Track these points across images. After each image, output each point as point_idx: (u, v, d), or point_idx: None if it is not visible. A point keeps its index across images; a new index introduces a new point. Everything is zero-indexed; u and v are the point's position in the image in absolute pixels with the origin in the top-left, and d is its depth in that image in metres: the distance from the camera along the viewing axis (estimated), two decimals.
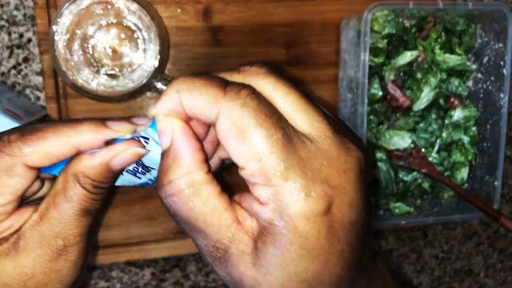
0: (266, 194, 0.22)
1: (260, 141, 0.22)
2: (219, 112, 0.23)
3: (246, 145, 0.22)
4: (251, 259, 0.23)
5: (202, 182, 0.24)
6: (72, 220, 0.28)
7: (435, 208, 0.54)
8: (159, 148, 0.27)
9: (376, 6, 0.46)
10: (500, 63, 0.51)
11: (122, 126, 0.28)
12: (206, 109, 0.23)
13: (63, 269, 0.29)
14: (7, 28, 0.49)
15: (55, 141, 0.27)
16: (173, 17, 0.50)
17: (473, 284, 0.68)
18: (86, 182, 0.28)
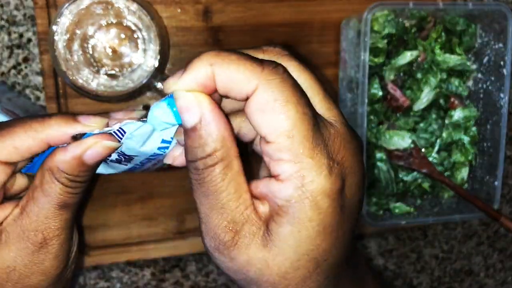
0: (290, 170, 0.23)
1: (296, 117, 0.22)
2: (258, 85, 0.22)
3: (280, 119, 0.22)
4: (262, 241, 0.23)
5: (235, 155, 0.24)
6: (50, 214, 0.29)
7: (435, 208, 0.54)
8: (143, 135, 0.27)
9: (376, 6, 0.46)
10: (500, 63, 0.51)
11: (92, 120, 0.28)
12: (243, 82, 0.23)
13: (45, 261, 0.30)
14: (7, 28, 0.49)
15: (22, 136, 0.28)
16: (173, 17, 0.50)
17: (473, 284, 0.68)
18: (61, 176, 0.28)
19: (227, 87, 0.23)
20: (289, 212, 0.23)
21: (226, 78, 0.23)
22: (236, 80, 0.23)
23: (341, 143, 0.24)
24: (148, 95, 0.51)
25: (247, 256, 0.24)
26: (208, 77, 0.23)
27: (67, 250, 0.31)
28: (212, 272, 0.58)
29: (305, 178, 0.23)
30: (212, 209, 0.24)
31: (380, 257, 0.63)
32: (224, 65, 0.23)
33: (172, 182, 0.53)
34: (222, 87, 0.23)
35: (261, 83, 0.23)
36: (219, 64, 0.23)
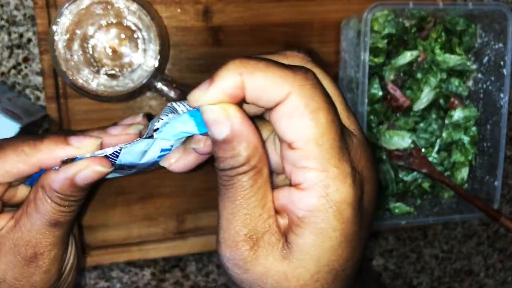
0: (315, 179, 0.22)
1: (325, 125, 0.22)
2: (290, 91, 0.22)
3: (311, 126, 0.22)
4: (281, 253, 0.23)
5: (265, 162, 0.23)
6: (42, 230, 0.29)
7: (435, 208, 0.54)
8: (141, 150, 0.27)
9: (376, 6, 0.46)
10: (500, 63, 0.51)
11: (84, 143, 0.28)
12: (274, 90, 0.22)
13: (35, 275, 0.30)
14: (7, 28, 0.49)
15: (14, 160, 0.28)
16: (173, 17, 0.50)
17: (473, 284, 0.68)
18: (53, 195, 0.28)
19: (257, 95, 0.22)
20: (312, 222, 0.22)
21: (256, 87, 0.22)
22: (267, 87, 0.22)
23: (361, 153, 0.24)
24: (148, 95, 0.51)
25: (264, 268, 0.23)
26: (238, 86, 0.22)
27: (59, 265, 0.31)
28: (212, 272, 0.58)
29: (329, 187, 0.22)
30: (236, 215, 0.23)
31: (380, 257, 0.63)
32: (254, 74, 0.22)
33: (172, 182, 0.53)
34: (251, 96, 0.22)
35: (293, 89, 0.22)
36: (248, 72, 0.22)
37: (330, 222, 0.22)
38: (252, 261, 0.23)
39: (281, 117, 0.22)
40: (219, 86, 0.22)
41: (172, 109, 0.28)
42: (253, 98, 0.23)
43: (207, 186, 0.54)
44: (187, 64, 0.52)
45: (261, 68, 0.22)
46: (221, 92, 0.22)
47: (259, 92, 0.22)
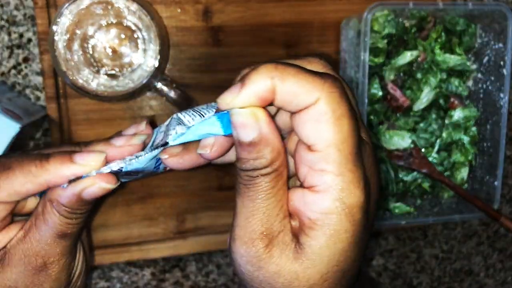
0: (330, 182, 0.23)
1: (347, 131, 0.23)
2: (319, 97, 0.23)
3: (334, 131, 0.23)
4: (293, 253, 0.24)
5: (285, 165, 0.24)
6: (50, 241, 0.30)
7: (435, 208, 0.54)
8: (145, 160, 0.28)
9: (376, 6, 0.46)
10: (500, 63, 0.51)
11: (89, 160, 0.29)
12: (305, 95, 0.23)
13: (44, 283, 0.31)
14: (7, 28, 0.49)
15: (21, 180, 0.29)
16: (173, 17, 0.50)
17: (473, 284, 0.68)
18: (61, 208, 0.29)
19: (287, 99, 0.23)
20: (325, 224, 0.23)
21: (288, 92, 0.23)
22: (298, 93, 0.23)
23: (371, 160, 0.25)
24: (148, 95, 0.51)
25: (277, 267, 0.24)
26: (269, 90, 0.23)
27: (68, 273, 0.33)
28: (212, 272, 0.59)
29: (344, 191, 0.23)
30: (255, 214, 0.24)
31: (380, 257, 0.63)
32: (286, 79, 0.23)
33: (172, 182, 0.53)
34: (281, 100, 0.23)
35: (323, 96, 0.23)
36: (280, 77, 0.23)
37: (343, 225, 0.23)
38: (266, 259, 0.24)
39: (307, 121, 0.23)
40: (250, 90, 0.23)
41: (178, 120, 0.28)
42: (282, 102, 0.23)
43: (207, 186, 0.54)
44: (187, 64, 0.52)
45: (292, 73, 0.23)
46: (253, 96, 0.23)
47: (289, 96, 0.23)
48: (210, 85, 0.52)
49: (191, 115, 0.28)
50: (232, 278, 0.59)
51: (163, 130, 0.30)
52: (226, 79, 0.52)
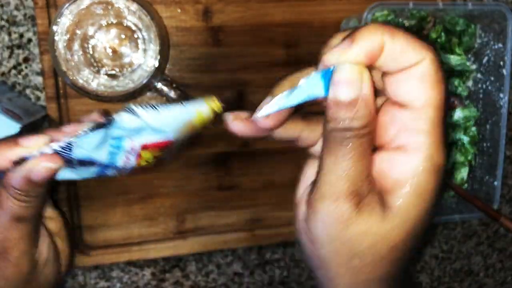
0: (424, 140, 0.23)
1: (443, 95, 0.24)
2: (425, 57, 0.23)
3: (436, 92, 0.23)
4: (381, 213, 0.24)
5: (375, 129, 0.25)
6: (7, 225, 0.31)
7: None
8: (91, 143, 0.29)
9: (376, 6, 0.46)
10: (499, 63, 0.51)
11: (32, 141, 0.30)
12: (412, 52, 0.23)
13: (6, 269, 0.32)
14: (7, 28, 0.49)
15: None
16: (173, 17, 0.50)
17: (472, 284, 0.68)
18: (13, 192, 0.30)
19: (393, 57, 0.23)
20: (414, 183, 0.23)
21: (396, 49, 0.23)
22: (406, 50, 0.23)
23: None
24: (149, 95, 0.51)
25: (365, 226, 0.24)
26: (379, 47, 0.23)
27: (30, 259, 0.33)
28: (212, 272, 0.59)
29: (434, 150, 0.23)
30: (347, 172, 0.24)
31: None
32: (396, 36, 0.23)
33: (172, 182, 0.53)
34: (387, 58, 0.23)
35: (430, 57, 0.23)
36: (391, 34, 0.23)
37: (431, 183, 0.24)
38: (355, 217, 0.24)
39: (408, 79, 0.23)
40: (361, 45, 0.23)
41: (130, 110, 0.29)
42: (386, 60, 0.23)
43: (207, 186, 0.54)
44: (187, 64, 0.52)
45: (402, 32, 0.23)
46: (363, 52, 0.23)
47: (396, 54, 0.23)
48: (210, 85, 0.52)
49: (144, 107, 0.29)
50: (232, 278, 0.59)
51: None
52: (226, 79, 0.53)
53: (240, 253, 0.59)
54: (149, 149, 0.32)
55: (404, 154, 0.24)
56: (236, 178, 0.55)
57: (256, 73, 0.53)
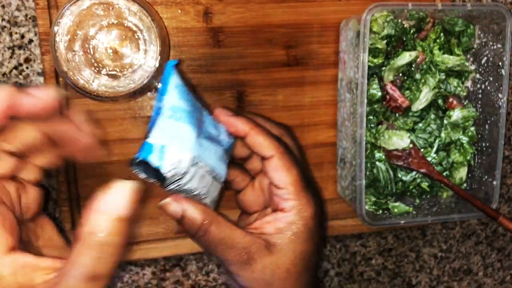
0: (293, 204, 0.37)
1: (296, 175, 0.38)
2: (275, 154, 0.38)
3: (289, 175, 0.37)
4: (268, 250, 0.36)
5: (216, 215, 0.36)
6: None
7: (434, 208, 0.55)
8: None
9: (375, 7, 0.47)
10: (498, 64, 0.51)
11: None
12: (265, 149, 0.38)
13: None
14: (8, 29, 0.49)
15: None
16: (173, 18, 0.51)
17: (471, 283, 0.69)
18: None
19: (255, 147, 0.38)
20: (290, 229, 0.37)
21: (256, 142, 0.38)
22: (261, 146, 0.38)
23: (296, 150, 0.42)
24: (149, 95, 0.52)
25: (261, 264, 0.35)
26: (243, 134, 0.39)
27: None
28: (213, 271, 0.59)
29: (302, 209, 0.37)
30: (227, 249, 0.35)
31: (379, 256, 0.64)
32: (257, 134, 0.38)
33: None
34: (251, 145, 0.38)
35: (277, 155, 0.37)
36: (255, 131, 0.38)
37: (300, 228, 0.37)
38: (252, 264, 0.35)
39: (271, 169, 0.37)
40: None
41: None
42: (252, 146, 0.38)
43: None
44: (187, 64, 0.52)
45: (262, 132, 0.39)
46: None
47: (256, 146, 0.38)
48: (210, 85, 0.53)
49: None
50: None
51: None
52: (226, 79, 0.53)
53: None
54: None
55: (285, 213, 0.37)
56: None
57: (256, 74, 0.53)
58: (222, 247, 0.35)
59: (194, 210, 0.34)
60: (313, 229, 0.37)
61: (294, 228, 0.36)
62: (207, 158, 0.32)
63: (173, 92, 0.31)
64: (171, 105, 0.30)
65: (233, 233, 0.35)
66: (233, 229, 0.36)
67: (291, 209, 0.37)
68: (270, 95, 0.54)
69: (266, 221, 0.37)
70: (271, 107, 0.54)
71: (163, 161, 0.28)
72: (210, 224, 0.35)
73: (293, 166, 0.37)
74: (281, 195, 0.37)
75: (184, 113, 0.31)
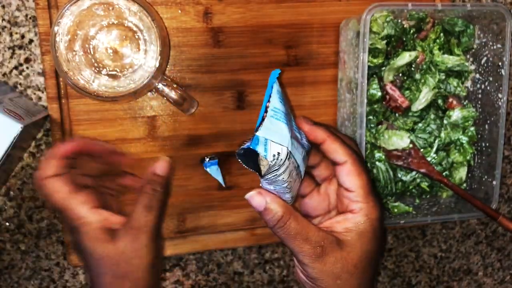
0: (362, 206, 0.40)
1: (366, 180, 0.40)
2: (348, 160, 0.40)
3: (360, 180, 0.40)
4: (338, 246, 0.39)
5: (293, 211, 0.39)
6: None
7: (433, 208, 0.55)
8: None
9: (375, 7, 0.47)
10: (498, 64, 0.51)
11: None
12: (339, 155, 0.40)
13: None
14: (8, 29, 0.49)
15: None
16: (173, 18, 0.51)
17: (471, 283, 0.69)
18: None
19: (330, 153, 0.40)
20: (358, 228, 0.39)
21: (331, 148, 0.40)
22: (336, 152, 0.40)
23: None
24: (149, 96, 0.52)
25: (333, 258, 0.38)
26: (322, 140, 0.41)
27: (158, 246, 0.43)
28: (213, 271, 0.59)
29: (369, 211, 0.40)
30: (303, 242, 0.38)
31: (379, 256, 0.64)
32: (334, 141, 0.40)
33: (173, 182, 0.53)
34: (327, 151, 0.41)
35: (350, 161, 0.40)
36: (332, 138, 0.41)
37: (367, 228, 0.40)
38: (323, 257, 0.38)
39: (343, 174, 0.40)
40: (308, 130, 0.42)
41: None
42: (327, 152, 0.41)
43: (207, 186, 0.55)
44: (187, 64, 0.52)
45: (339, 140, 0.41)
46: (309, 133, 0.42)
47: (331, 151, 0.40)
48: (210, 85, 0.53)
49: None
50: (232, 277, 0.60)
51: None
52: (226, 79, 0.53)
53: (240, 252, 0.59)
54: None
55: (354, 215, 0.40)
56: (236, 178, 0.55)
57: (256, 74, 0.53)
58: (299, 239, 0.38)
59: (276, 203, 0.38)
60: (377, 229, 0.40)
61: (361, 227, 0.39)
62: (296, 156, 0.37)
63: (275, 95, 0.37)
64: (273, 106, 0.36)
65: (309, 227, 0.38)
66: (309, 224, 0.39)
67: (359, 211, 0.40)
68: None
69: (336, 220, 0.40)
70: None
71: (267, 152, 0.34)
72: (289, 218, 0.38)
73: (363, 172, 0.40)
74: (351, 197, 0.40)
75: (282, 114, 0.36)
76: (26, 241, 0.53)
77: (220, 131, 0.54)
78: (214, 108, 0.53)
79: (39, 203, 0.52)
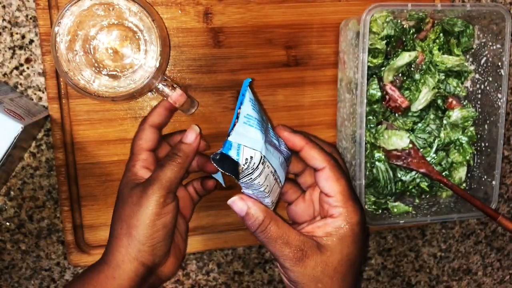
0: (341, 211, 0.41)
1: (345, 185, 0.42)
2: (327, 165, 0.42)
3: (338, 185, 0.41)
4: (319, 250, 0.40)
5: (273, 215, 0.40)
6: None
7: (433, 208, 0.55)
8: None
9: (375, 7, 0.47)
10: (498, 64, 0.52)
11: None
12: (317, 161, 0.42)
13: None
14: (9, 29, 0.49)
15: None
16: (173, 18, 0.51)
17: (471, 283, 0.69)
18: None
19: (309, 159, 0.42)
20: (338, 233, 0.40)
21: (310, 155, 0.42)
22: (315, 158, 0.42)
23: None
24: (149, 96, 0.52)
25: (314, 262, 0.39)
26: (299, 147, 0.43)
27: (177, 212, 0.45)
28: (213, 271, 0.59)
29: (349, 216, 0.41)
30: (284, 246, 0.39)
31: (379, 256, 0.64)
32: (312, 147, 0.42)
33: None
34: (306, 158, 0.42)
35: (328, 166, 0.41)
36: (310, 145, 0.42)
37: (347, 232, 0.41)
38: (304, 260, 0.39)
39: (323, 179, 0.42)
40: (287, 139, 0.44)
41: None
42: (306, 159, 0.43)
43: None
44: (187, 65, 0.52)
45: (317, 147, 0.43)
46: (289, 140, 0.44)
47: (310, 158, 0.42)
48: (211, 86, 0.53)
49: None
50: (232, 277, 0.60)
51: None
52: (226, 79, 0.53)
53: (240, 252, 0.59)
54: None
55: (334, 219, 0.41)
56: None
57: (256, 74, 0.53)
58: (279, 243, 0.39)
59: (257, 208, 0.39)
60: (358, 234, 0.41)
61: (341, 232, 0.40)
62: (271, 161, 0.38)
63: (247, 103, 0.38)
64: (246, 113, 0.37)
65: (289, 232, 0.39)
66: (289, 229, 0.40)
67: (339, 215, 0.41)
68: (270, 95, 0.54)
69: (317, 225, 0.41)
70: (271, 107, 0.54)
71: (240, 156, 0.35)
72: (269, 222, 0.39)
73: (342, 177, 0.41)
74: (331, 202, 0.41)
75: (255, 121, 0.38)
76: (27, 241, 0.53)
77: (220, 131, 0.54)
78: (214, 108, 0.53)
79: (39, 203, 0.53)
